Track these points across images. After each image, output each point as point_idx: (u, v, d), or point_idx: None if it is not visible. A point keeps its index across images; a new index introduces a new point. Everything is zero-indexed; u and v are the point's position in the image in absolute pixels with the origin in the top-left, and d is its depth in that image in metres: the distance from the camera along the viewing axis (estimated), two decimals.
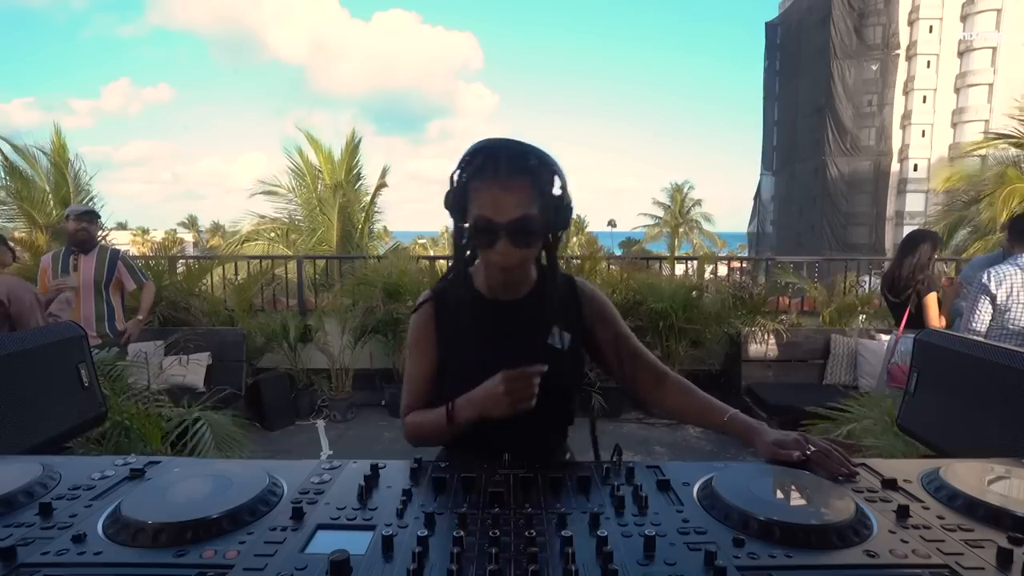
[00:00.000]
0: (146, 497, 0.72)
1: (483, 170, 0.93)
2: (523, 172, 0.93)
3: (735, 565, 0.60)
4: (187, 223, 52.15)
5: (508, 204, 0.92)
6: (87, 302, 3.28)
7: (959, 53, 31.73)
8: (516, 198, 0.92)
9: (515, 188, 0.92)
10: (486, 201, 0.93)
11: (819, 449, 0.85)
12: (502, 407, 0.92)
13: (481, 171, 0.94)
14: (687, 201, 35.99)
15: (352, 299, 4.74)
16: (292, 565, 0.59)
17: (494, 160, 0.93)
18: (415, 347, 1.10)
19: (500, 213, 0.92)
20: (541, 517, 0.70)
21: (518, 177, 0.92)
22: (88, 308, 3.28)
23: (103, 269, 3.32)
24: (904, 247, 3.23)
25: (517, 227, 0.93)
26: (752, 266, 6.67)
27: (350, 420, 4.65)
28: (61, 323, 1.25)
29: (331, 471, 0.83)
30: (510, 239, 0.93)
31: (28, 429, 1.06)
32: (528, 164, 0.94)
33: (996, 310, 2.58)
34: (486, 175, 0.93)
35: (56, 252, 3.31)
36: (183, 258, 6.51)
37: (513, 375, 0.90)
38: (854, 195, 28.29)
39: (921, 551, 0.62)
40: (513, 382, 0.91)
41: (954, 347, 1.11)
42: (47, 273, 3.23)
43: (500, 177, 0.92)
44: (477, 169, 0.94)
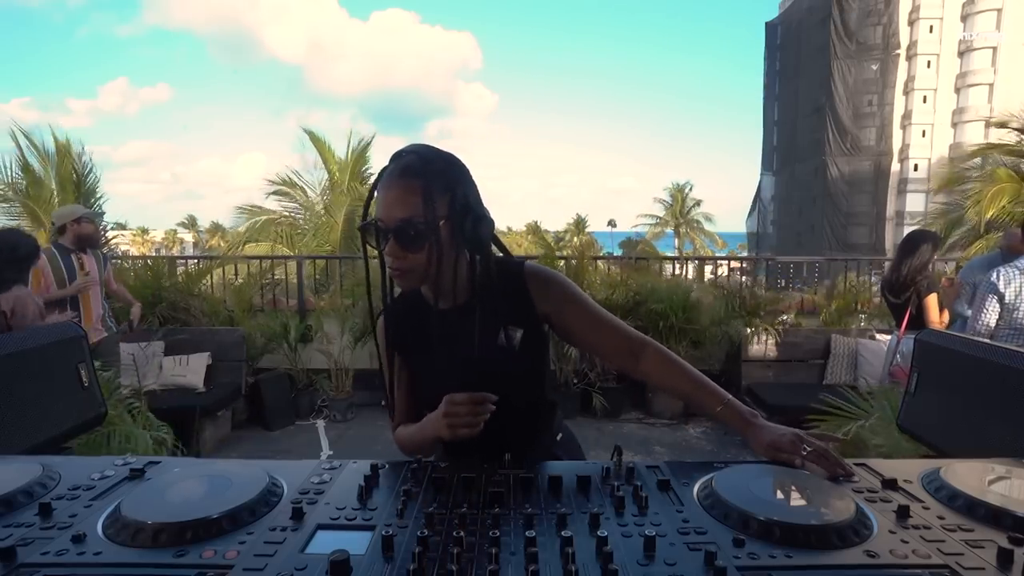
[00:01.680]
0: (146, 497, 0.72)
1: (383, 174, 0.94)
2: (413, 175, 0.91)
3: (735, 565, 0.59)
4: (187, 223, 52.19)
5: (395, 206, 0.90)
6: (96, 301, 3.33)
7: (959, 53, 31.73)
8: (405, 199, 0.90)
9: (405, 190, 0.90)
10: (379, 203, 0.93)
11: (815, 450, 0.84)
12: (444, 432, 0.91)
13: (380, 175, 0.94)
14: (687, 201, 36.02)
15: (352, 299, 4.74)
16: (292, 565, 0.59)
17: (392, 163, 0.93)
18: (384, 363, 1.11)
19: (387, 215, 0.91)
20: (541, 517, 0.70)
21: (411, 179, 0.90)
22: (97, 306, 3.35)
23: (102, 268, 3.42)
24: (904, 248, 3.23)
25: (401, 230, 0.90)
26: (752, 266, 6.68)
27: (350, 420, 4.66)
28: (61, 323, 1.25)
29: (331, 471, 0.83)
30: (397, 241, 0.91)
31: (28, 429, 1.06)
32: (420, 168, 0.91)
33: (1004, 309, 2.58)
34: (384, 179, 0.93)
35: (47, 250, 3.21)
36: (184, 258, 6.51)
37: (457, 400, 0.90)
38: (854, 195, 28.33)
39: (921, 551, 0.62)
40: (454, 406, 0.90)
41: (954, 347, 1.11)
42: (43, 273, 3.20)
43: (392, 179, 0.92)
44: (379, 175, 0.95)
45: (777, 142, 32.49)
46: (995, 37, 30.47)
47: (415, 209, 0.89)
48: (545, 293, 1.05)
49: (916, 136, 32.03)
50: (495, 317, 0.99)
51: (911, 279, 3.12)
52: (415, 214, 0.89)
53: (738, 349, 4.51)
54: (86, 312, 3.25)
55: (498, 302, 0.99)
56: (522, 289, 1.05)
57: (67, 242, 3.25)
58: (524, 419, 1.08)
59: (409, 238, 0.90)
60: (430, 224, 0.90)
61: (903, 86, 31.16)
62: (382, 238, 0.92)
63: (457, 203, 0.93)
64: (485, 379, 0.95)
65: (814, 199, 28.94)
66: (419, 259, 0.92)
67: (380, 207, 0.92)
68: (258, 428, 4.46)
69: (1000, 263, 3.17)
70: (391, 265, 0.94)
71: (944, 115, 31.92)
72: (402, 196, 0.90)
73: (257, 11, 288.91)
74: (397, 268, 0.93)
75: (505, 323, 1.01)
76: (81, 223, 3.26)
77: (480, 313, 0.97)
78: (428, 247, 0.91)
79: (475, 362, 0.96)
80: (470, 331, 0.97)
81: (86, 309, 3.25)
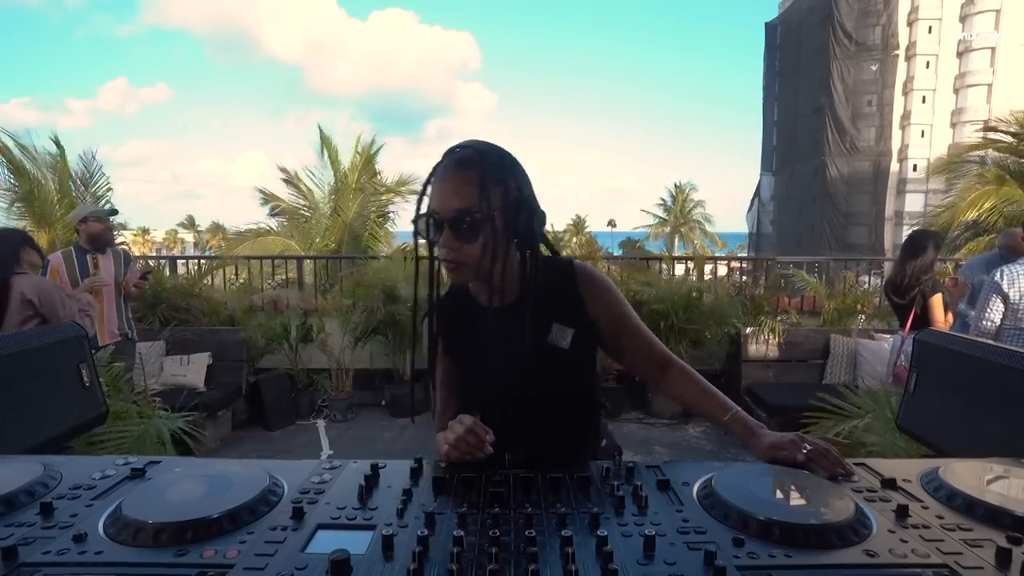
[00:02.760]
0: (147, 497, 0.72)
1: (438, 167, 0.95)
2: (469, 167, 0.92)
3: (735, 565, 0.60)
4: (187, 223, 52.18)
5: (452, 197, 0.91)
6: (110, 301, 3.32)
7: (958, 53, 31.72)
8: (462, 190, 0.90)
9: (462, 181, 0.91)
10: (434, 196, 0.93)
11: (815, 448, 0.85)
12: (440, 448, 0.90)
13: (434, 170, 0.95)
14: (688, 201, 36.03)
15: (352, 300, 4.74)
16: (292, 565, 0.59)
17: (448, 156, 0.94)
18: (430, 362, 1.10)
19: (443, 206, 0.91)
20: (541, 517, 0.70)
21: (468, 171, 0.91)
22: (111, 306, 3.33)
23: (120, 268, 3.39)
24: (907, 248, 3.22)
25: (457, 220, 0.90)
26: (752, 266, 6.68)
27: (350, 420, 4.66)
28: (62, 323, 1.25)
29: (331, 471, 0.83)
30: (452, 232, 0.91)
31: (29, 429, 1.06)
32: (476, 159, 0.93)
33: (1008, 309, 2.58)
34: (439, 172, 0.94)
35: (66, 252, 3.30)
36: (186, 258, 6.52)
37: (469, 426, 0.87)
38: (853, 195, 28.31)
39: (920, 551, 0.62)
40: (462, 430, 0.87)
41: (954, 347, 1.11)
42: (58, 273, 3.23)
43: (448, 171, 0.93)
44: (435, 167, 0.95)
45: (776, 142, 32.48)
46: (994, 38, 30.46)
47: (471, 200, 0.90)
48: (596, 294, 1.06)
49: (915, 136, 32.02)
50: (545, 315, 1.00)
51: (915, 279, 3.12)
52: (471, 205, 0.90)
53: (738, 349, 4.52)
54: (97, 313, 3.24)
55: (548, 300, 0.99)
56: (572, 288, 1.05)
57: (82, 243, 3.29)
58: (571, 420, 1.07)
59: (465, 228, 0.91)
60: (486, 215, 0.90)
61: (902, 86, 31.15)
62: (436, 229, 0.92)
63: (511, 195, 0.94)
64: (534, 378, 0.96)
65: (813, 199, 28.93)
66: (474, 251, 0.92)
67: (435, 199, 0.93)
68: (258, 428, 4.46)
69: (999, 263, 3.18)
70: (445, 256, 0.94)
71: (943, 115, 31.91)
72: (458, 187, 0.91)
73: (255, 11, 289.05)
74: (451, 260, 0.94)
75: (556, 322, 1.01)
76: (88, 223, 3.27)
77: (531, 311, 0.97)
78: (483, 239, 0.92)
79: (525, 360, 0.96)
80: (520, 329, 0.97)
81: (98, 310, 3.25)
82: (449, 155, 0.94)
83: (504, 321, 0.99)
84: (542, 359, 0.98)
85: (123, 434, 2.34)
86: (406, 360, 4.84)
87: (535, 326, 0.98)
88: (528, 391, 0.98)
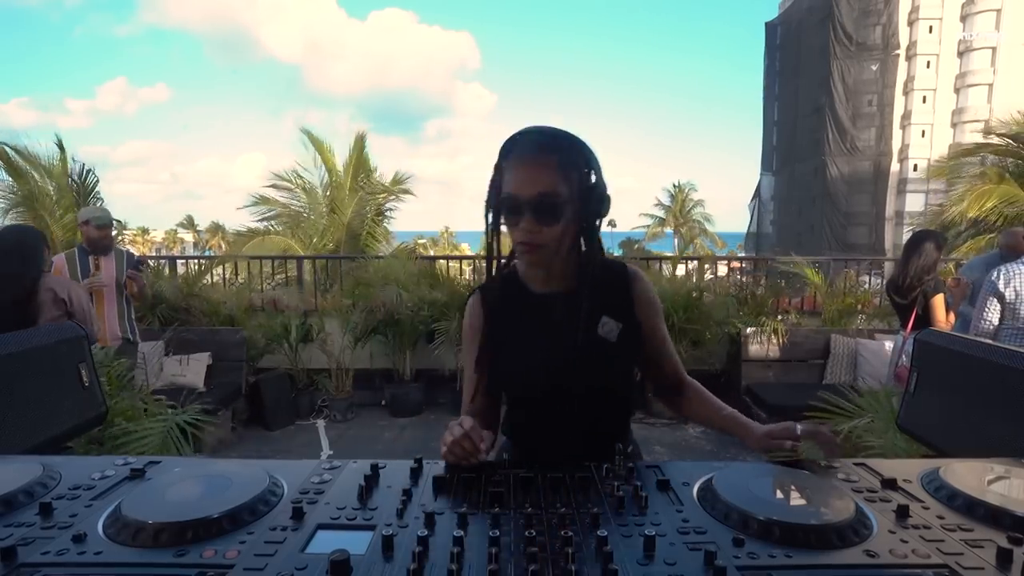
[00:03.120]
0: (146, 497, 0.72)
1: (512, 152, 0.96)
2: (549, 151, 0.94)
3: (735, 565, 0.60)
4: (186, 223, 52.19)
5: (534, 180, 0.93)
6: (110, 302, 3.33)
7: (959, 53, 31.70)
8: (543, 174, 0.93)
9: (543, 165, 0.93)
10: (512, 179, 0.95)
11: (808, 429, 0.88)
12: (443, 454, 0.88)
13: (510, 153, 0.96)
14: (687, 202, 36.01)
15: (352, 299, 4.74)
16: (292, 565, 0.59)
17: (523, 140, 0.96)
18: (466, 343, 1.11)
19: (526, 189, 0.93)
20: (541, 517, 0.70)
21: (547, 155, 0.94)
22: (111, 307, 3.35)
23: (122, 269, 3.40)
24: (910, 248, 3.22)
25: (541, 202, 0.92)
26: (752, 266, 6.68)
27: (350, 420, 4.66)
28: (62, 323, 1.25)
29: (331, 471, 0.83)
30: (534, 215, 0.93)
31: (28, 429, 1.06)
32: (555, 144, 0.95)
33: (1006, 308, 2.58)
34: (514, 156, 0.95)
35: (69, 253, 3.35)
36: (185, 258, 6.51)
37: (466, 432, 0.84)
38: (854, 195, 28.28)
39: (921, 551, 0.62)
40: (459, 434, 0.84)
41: (954, 347, 1.11)
42: (62, 273, 3.26)
43: (526, 155, 0.94)
44: (507, 153, 0.96)
45: (777, 142, 32.45)
46: (994, 37, 30.45)
47: (553, 184, 0.92)
48: (646, 299, 1.09)
49: (916, 136, 32.00)
50: (597, 307, 1.01)
51: (917, 279, 3.12)
52: (553, 188, 0.92)
53: (738, 349, 4.51)
54: (99, 314, 3.26)
55: (601, 293, 1.01)
56: (625, 288, 1.07)
57: (85, 244, 3.34)
58: (608, 416, 1.08)
59: (547, 211, 0.93)
60: (566, 198, 0.93)
61: (903, 86, 31.14)
62: (515, 212, 0.94)
63: (587, 180, 0.96)
64: (581, 367, 0.98)
65: (813, 199, 28.91)
66: (553, 233, 0.95)
67: (512, 183, 0.94)
68: (258, 428, 4.46)
69: (999, 263, 3.18)
70: (523, 239, 0.95)
71: (943, 115, 31.90)
72: (540, 171, 0.93)
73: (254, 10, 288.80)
74: (529, 243, 0.95)
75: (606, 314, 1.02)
76: (87, 226, 3.30)
77: (587, 299, 0.99)
78: (563, 222, 0.94)
79: (575, 349, 0.98)
80: (570, 318, 0.99)
81: (99, 311, 3.27)
82: (523, 141, 0.96)
83: (557, 308, 1.01)
84: (591, 350, 1.00)
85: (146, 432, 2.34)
86: (406, 360, 4.85)
87: (590, 315, 1.00)
88: (572, 380, 1.00)
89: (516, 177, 0.94)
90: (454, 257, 7.04)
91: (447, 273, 5.54)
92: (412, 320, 4.61)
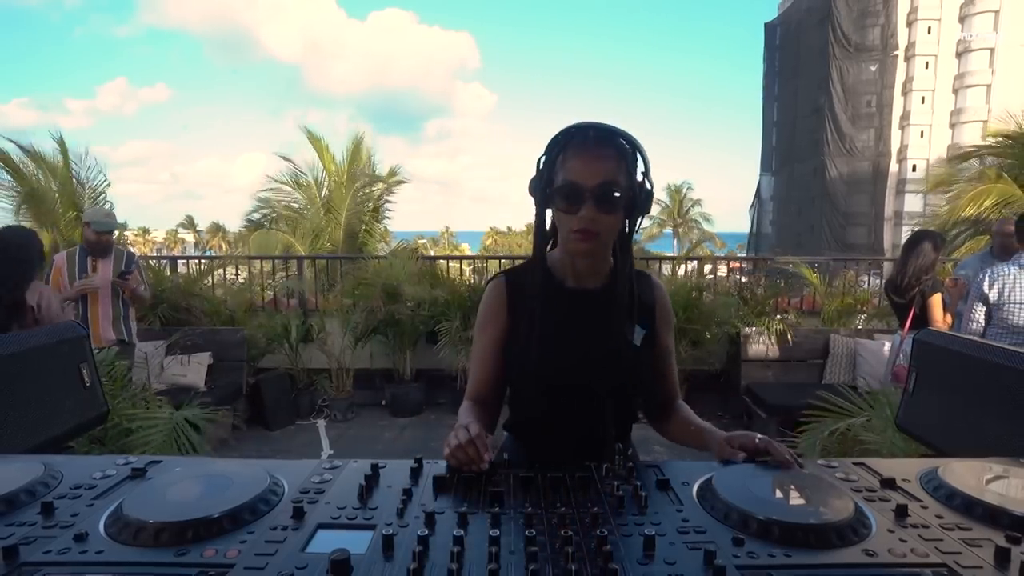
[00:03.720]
0: (147, 496, 0.72)
1: (573, 142, 0.97)
2: (611, 144, 0.97)
3: (734, 564, 0.60)
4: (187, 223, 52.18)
5: (596, 170, 0.94)
6: (105, 303, 3.32)
7: (957, 54, 31.72)
8: (604, 165, 0.95)
9: (603, 156, 0.95)
10: (574, 167, 0.96)
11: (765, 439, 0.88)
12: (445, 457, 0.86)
13: (571, 143, 0.98)
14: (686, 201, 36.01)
15: (352, 299, 4.74)
16: (293, 564, 0.59)
17: (585, 132, 0.97)
18: (481, 326, 1.11)
19: (588, 177, 0.94)
20: (541, 517, 0.70)
21: (607, 147, 0.96)
22: (106, 308, 3.33)
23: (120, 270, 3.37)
24: (908, 248, 3.23)
25: (603, 191, 0.94)
26: (752, 266, 6.68)
27: (350, 420, 4.66)
28: (63, 323, 1.25)
29: (331, 471, 0.83)
30: (595, 203, 0.94)
31: (30, 429, 1.06)
32: (616, 139, 0.97)
33: (992, 310, 2.60)
34: (576, 145, 0.97)
35: (70, 252, 3.34)
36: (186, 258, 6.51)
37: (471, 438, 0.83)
38: (853, 195, 28.32)
39: (920, 550, 0.62)
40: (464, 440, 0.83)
41: (953, 347, 1.11)
42: (61, 272, 3.25)
43: (590, 145, 0.96)
44: (567, 143, 0.98)
45: (776, 142, 32.48)
46: (993, 38, 30.47)
47: (615, 173, 0.95)
48: (664, 311, 1.12)
49: (914, 137, 32.02)
50: (623, 309, 1.02)
51: (916, 279, 3.12)
52: (615, 178, 0.94)
53: (738, 349, 4.52)
54: (92, 315, 3.26)
55: (629, 296, 1.03)
56: (650, 296, 1.10)
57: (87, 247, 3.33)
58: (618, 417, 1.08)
59: (608, 200, 0.94)
60: (626, 189, 0.95)
61: (901, 87, 31.15)
62: (575, 200, 0.95)
63: (637, 175, 0.98)
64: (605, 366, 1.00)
65: (813, 199, 28.94)
66: (611, 223, 0.97)
67: (574, 172, 0.95)
68: (259, 428, 4.46)
69: (991, 261, 3.20)
70: (582, 227, 0.96)
71: (942, 116, 31.91)
72: (602, 161, 0.95)
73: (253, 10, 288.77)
74: (588, 230, 0.96)
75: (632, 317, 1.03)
76: (87, 228, 3.29)
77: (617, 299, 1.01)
78: (621, 212, 0.97)
79: (602, 347, 1.00)
80: (601, 316, 1.01)
81: (92, 312, 3.26)
82: (583, 132, 0.97)
83: (584, 304, 1.03)
84: (619, 350, 1.01)
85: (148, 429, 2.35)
86: (406, 360, 4.85)
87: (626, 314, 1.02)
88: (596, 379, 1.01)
89: (579, 166, 0.95)
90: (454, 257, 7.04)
91: (447, 273, 5.54)
92: (412, 320, 4.61)
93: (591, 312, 1.02)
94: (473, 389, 1.11)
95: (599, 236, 0.97)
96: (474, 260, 7.10)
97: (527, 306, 1.05)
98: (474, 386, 1.11)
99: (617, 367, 1.01)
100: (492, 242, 51.32)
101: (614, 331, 1.01)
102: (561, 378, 1.03)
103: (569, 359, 1.02)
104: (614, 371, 1.01)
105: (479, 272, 6.24)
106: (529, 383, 1.06)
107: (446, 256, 7.39)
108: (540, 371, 1.03)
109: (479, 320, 1.12)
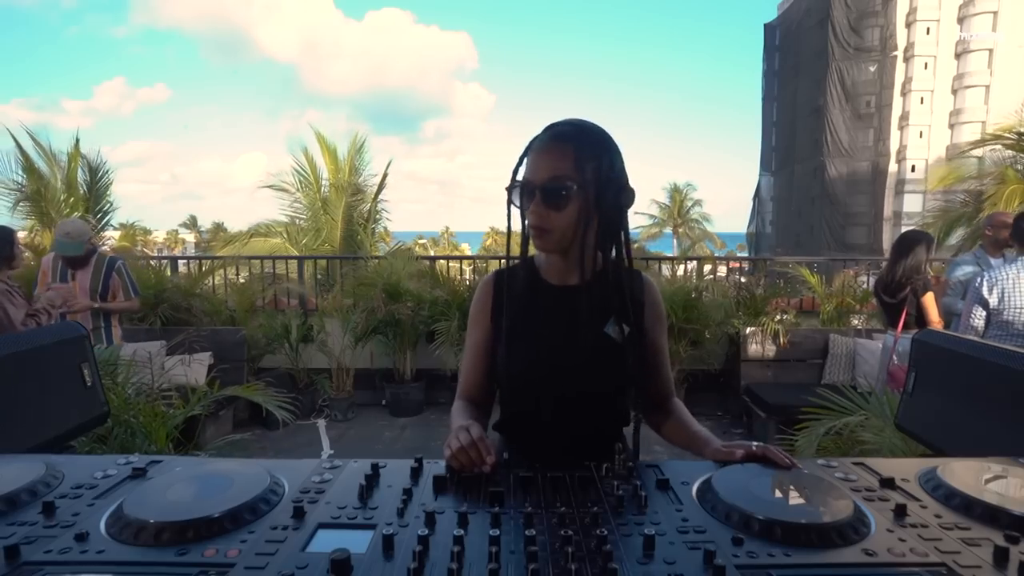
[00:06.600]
0: (148, 496, 0.72)
1: (535, 142, 0.99)
2: (568, 141, 0.96)
3: (734, 564, 0.60)
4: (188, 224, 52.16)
5: (544, 166, 0.96)
6: (84, 315, 3.22)
7: (956, 55, 31.76)
8: (553, 162, 0.95)
9: (554, 153, 0.96)
10: (528, 165, 0.98)
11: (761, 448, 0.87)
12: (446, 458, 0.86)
13: (533, 143, 0.99)
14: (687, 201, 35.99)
15: (352, 299, 4.74)
16: (293, 564, 0.60)
17: (545, 130, 0.98)
18: (471, 325, 1.12)
19: (536, 174, 0.96)
20: (541, 516, 0.70)
21: (562, 144, 0.96)
22: (84, 319, 3.21)
23: (99, 279, 3.27)
24: (898, 248, 3.23)
25: (550, 187, 0.94)
26: (752, 266, 6.69)
27: (351, 420, 4.66)
28: (63, 323, 1.25)
29: (332, 470, 0.83)
30: (543, 199, 0.95)
31: (31, 428, 1.06)
32: (571, 133, 0.97)
33: (991, 313, 2.60)
34: (534, 145, 0.98)
35: (55, 257, 3.27)
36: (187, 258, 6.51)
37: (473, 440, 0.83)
38: (852, 196, 28.32)
39: (919, 550, 0.62)
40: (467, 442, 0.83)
41: (952, 347, 1.11)
42: (47, 275, 3.23)
43: (543, 142, 0.97)
44: (532, 143, 0.99)
45: (776, 143, 32.49)
46: (991, 39, 30.49)
47: (563, 169, 0.95)
48: (654, 309, 1.11)
49: (913, 137, 32.04)
50: (608, 305, 1.02)
51: (906, 279, 3.12)
52: (563, 174, 0.94)
53: (738, 349, 4.52)
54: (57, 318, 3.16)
55: (615, 294, 1.02)
56: (639, 293, 1.09)
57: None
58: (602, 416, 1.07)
59: (554, 196, 0.95)
60: (577, 186, 0.94)
61: (900, 87, 31.18)
62: (528, 196, 0.97)
63: (603, 170, 0.97)
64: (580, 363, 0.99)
65: (812, 200, 28.94)
66: (562, 220, 0.97)
67: (529, 169, 0.97)
68: (259, 428, 4.46)
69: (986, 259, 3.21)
70: (533, 223, 0.97)
71: (941, 116, 31.95)
72: (552, 157, 0.95)
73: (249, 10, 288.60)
74: (540, 226, 0.97)
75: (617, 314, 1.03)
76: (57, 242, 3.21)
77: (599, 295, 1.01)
78: (573, 209, 0.96)
79: (578, 343, 0.99)
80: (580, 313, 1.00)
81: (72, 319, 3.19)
82: (547, 130, 0.99)
83: (567, 300, 1.02)
84: (595, 347, 1.01)
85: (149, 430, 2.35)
86: (406, 360, 4.85)
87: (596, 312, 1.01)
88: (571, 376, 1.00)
89: (532, 164, 0.97)
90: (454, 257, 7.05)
91: (447, 273, 5.54)
92: (412, 320, 4.62)
93: (569, 309, 1.02)
94: (464, 388, 1.11)
95: (551, 232, 0.97)
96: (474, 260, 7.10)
97: (511, 304, 1.06)
98: (464, 385, 1.12)
99: (594, 364, 1.01)
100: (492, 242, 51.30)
101: (592, 327, 1.01)
102: (540, 374, 1.02)
103: (547, 355, 1.01)
104: (592, 368, 1.01)
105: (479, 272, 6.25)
106: (511, 380, 1.06)
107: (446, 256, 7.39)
108: (518, 368, 1.03)
109: (469, 319, 1.13)
